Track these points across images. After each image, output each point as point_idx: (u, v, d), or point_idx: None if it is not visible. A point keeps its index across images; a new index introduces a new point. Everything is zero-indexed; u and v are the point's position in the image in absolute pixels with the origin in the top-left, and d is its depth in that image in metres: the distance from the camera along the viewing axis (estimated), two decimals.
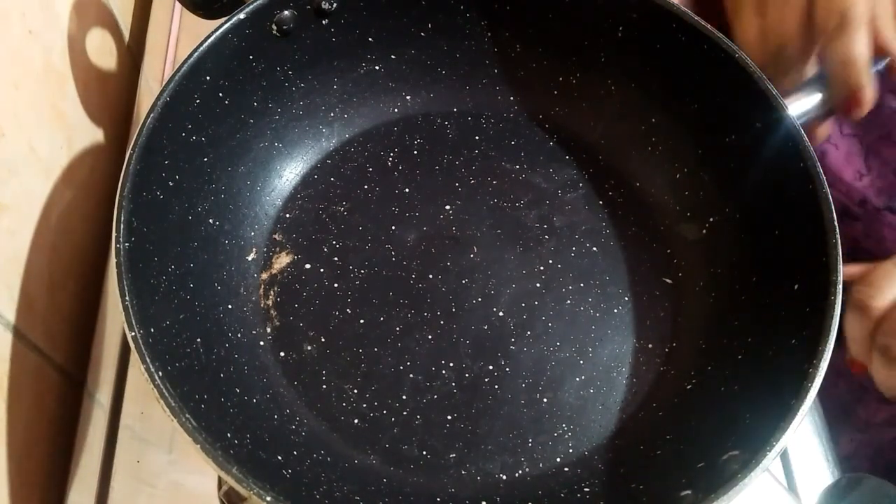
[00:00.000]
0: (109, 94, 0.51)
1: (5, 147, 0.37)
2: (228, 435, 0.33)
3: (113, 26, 0.52)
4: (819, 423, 0.44)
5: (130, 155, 0.35)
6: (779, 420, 0.31)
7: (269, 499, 0.28)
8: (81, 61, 0.47)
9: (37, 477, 0.40)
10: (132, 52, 0.55)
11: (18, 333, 0.38)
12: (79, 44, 0.47)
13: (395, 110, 0.48)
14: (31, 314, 0.39)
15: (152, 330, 0.32)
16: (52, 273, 0.42)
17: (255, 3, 0.40)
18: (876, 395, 0.40)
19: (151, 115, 0.36)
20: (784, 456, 0.42)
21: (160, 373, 0.30)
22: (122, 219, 0.33)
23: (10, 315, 0.37)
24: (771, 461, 0.30)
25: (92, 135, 0.48)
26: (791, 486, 0.41)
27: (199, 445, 0.29)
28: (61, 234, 0.43)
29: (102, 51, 0.50)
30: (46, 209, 0.41)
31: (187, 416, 0.29)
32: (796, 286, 0.36)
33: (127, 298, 0.31)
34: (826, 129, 0.41)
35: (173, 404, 0.29)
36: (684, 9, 0.42)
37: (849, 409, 0.50)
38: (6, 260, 0.37)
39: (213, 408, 0.34)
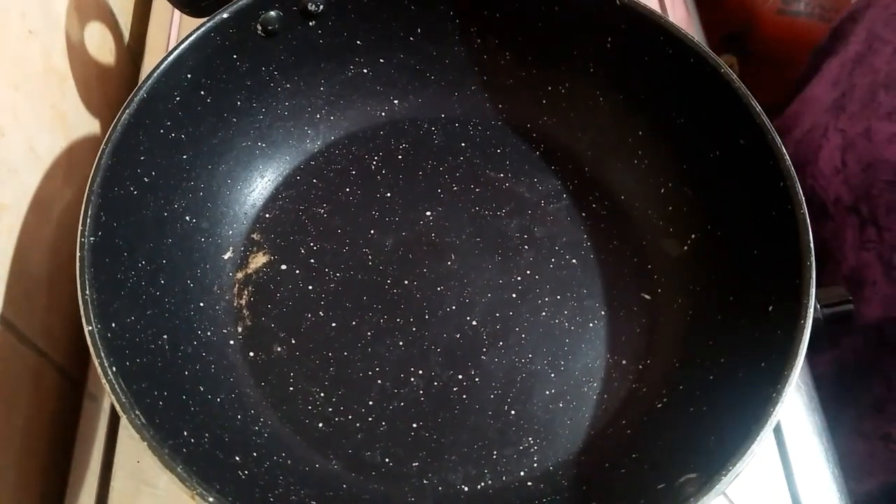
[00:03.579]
0: (109, 94, 0.51)
1: (5, 147, 0.38)
2: (185, 433, 0.33)
3: (113, 26, 0.52)
4: (819, 423, 0.43)
5: (102, 150, 0.35)
6: (738, 444, 0.30)
7: (210, 500, 0.28)
8: (81, 61, 0.47)
9: (37, 477, 0.40)
10: (132, 52, 0.56)
11: (18, 333, 0.38)
12: (79, 43, 0.47)
13: (382, 114, 0.48)
14: (31, 314, 0.40)
15: (113, 325, 0.33)
16: (51, 273, 0.42)
17: (239, 3, 0.40)
18: None
19: (126, 112, 0.36)
20: (784, 457, 0.42)
21: (114, 368, 0.30)
22: (90, 213, 0.34)
23: (10, 314, 0.37)
24: (727, 486, 0.29)
25: (92, 135, 0.48)
26: (791, 489, 0.41)
27: (146, 442, 0.29)
28: (61, 233, 0.43)
29: (102, 50, 0.51)
30: (46, 209, 0.42)
31: (137, 412, 0.29)
32: (770, 308, 0.35)
33: (87, 292, 0.32)
34: None
35: (123, 400, 0.29)
36: (673, 21, 0.41)
37: None
38: (5, 259, 0.38)
39: (173, 405, 0.34)
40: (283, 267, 0.43)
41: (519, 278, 0.43)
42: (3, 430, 0.37)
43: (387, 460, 0.37)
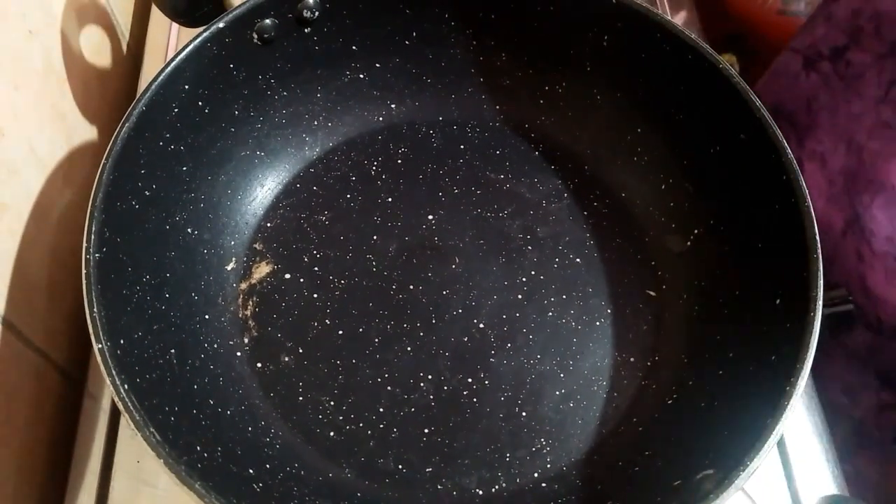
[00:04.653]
0: (109, 94, 0.51)
1: (5, 147, 0.38)
2: (198, 448, 0.33)
3: (113, 27, 0.52)
4: (819, 423, 0.43)
5: (104, 165, 0.35)
6: (754, 439, 0.30)
7: None
8: (81, 61, 0.47)
9: (37, 477, 0.40)
10: (132, 53, 0.55)
11: (18, 333, 0.38)
12: (78, 44, 0.47)
13: (380, 119, 0.48)
14: (32, 314, 0.39)
15: (122, 341, 0.32)
16: (51, 273, 0.42)
17: (234, 12, 0.40)
18: None
19: (126, 126, 0.36)
20: (784, 456, 0.42)
21: (126, 386, 0.30)
22: (94, 229, 0.33)
23: (10, 315, 0.37)
24: (745, 481, 0.29)
25: (92, 135, 0.48)
26: (790, 487, 0.41)
27: (162, 460, 0.28)
28: (61, 233, 0.43)
29: (102, 51, 0.51)
30: (46, 209, 0.41)
31: (152, 429, 0.29)
32: (777, 301, 0.36)
33: (95, 310, 0.31)
34: None
35: (137, 418, 0.29)
36: (668, 18, 0.41)
37: None
38: (7, 259, 0.37)
39: (184, 420, 0.34)
40: (287, 276, 0.43)
41: (524, 279, 0.43)
42: (3, 430, 0.36)
43: (400, 467, 0.37)
